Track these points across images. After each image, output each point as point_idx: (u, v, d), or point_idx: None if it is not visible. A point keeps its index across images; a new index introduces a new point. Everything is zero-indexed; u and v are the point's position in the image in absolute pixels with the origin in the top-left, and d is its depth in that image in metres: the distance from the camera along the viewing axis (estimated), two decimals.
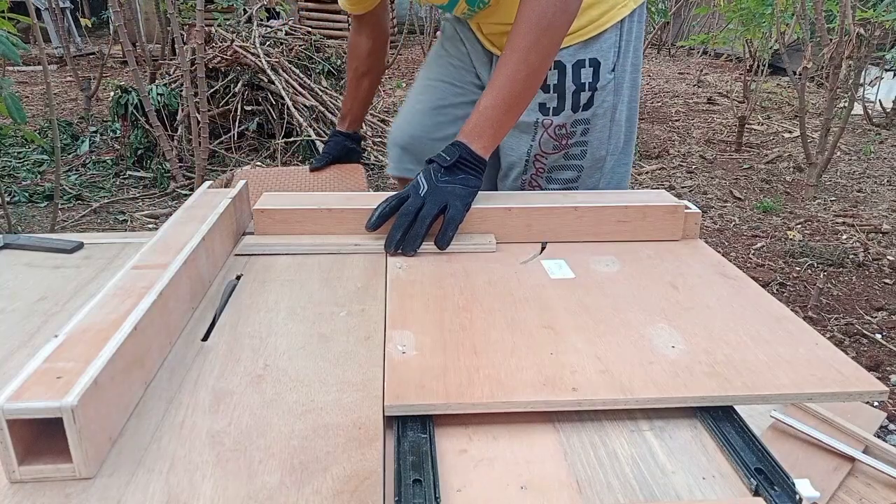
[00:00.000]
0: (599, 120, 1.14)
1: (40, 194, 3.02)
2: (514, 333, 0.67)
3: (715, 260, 0.87)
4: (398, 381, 0.59)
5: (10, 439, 0.46)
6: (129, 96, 3.34)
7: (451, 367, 0.61)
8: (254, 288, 0.78)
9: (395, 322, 0.69)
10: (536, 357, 0.63)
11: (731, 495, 0.50)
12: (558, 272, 0.82)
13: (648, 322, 0.70)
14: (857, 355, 1.87)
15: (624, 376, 0.60)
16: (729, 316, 0.72)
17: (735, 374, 0.60)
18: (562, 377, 0.60)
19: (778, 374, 0.61)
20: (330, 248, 0.88)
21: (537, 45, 0.92)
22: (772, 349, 0.65)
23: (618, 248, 0.90)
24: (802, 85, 3.13)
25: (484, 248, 0.88)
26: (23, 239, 0.91)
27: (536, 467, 0.52)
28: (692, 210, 0.94)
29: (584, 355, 0.63)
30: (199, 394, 0.58)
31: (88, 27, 5.89)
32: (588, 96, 1.11)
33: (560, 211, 0.91)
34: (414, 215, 0.86)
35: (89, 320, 0.57)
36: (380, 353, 0.65)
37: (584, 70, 1.09)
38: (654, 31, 6.78)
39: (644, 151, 3.85)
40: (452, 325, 0.69)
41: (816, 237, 2.70)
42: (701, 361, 0.63)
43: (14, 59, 1.85)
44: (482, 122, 0.95)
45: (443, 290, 0.77)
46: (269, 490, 0.47)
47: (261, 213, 0.91)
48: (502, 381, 0.59)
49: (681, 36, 7.95)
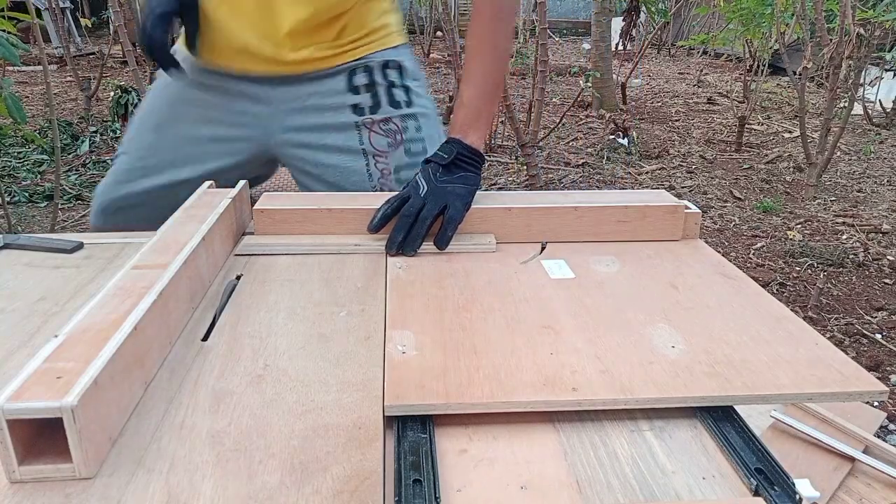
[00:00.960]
0: (430, 119, 1.17)
1: (40, 194, 3.02)
2: (514, 333, 0.67)
3: (715, 260, 0.87)
4: (398, 380, 0.58)
5: (10, 439, 0.46)
6: (129, 96, 3.34)
7: (451, 366, 0.61)
8: (254, 288, 0.78)
9: (395, 322, 0.69)
10: (536, 357, 0.63)
11: (731, 495, 0.50)
12: (558, 272, 0.82)
13: (648, 322, 0.70)
14: (857, 355, 1.87)
15: (624, 376, 0.60)
16: (729, 316, 0.72)
17: (735, 374, 0.60)
18: (562, 377, 0.60)
19: (778, 375, 0.61)
20: (330, 249, 0.88)
21: (499, 32, 1.00)
22: (772, 349, 0.65)
23: (618, 248, 0.90)
24: (802, 85, 3.13)
25: (484, 247, 0.88)
26: (23, 239, 0.91)
27: (536, 467, 0.52)
28: (692, 210, 0.94)
29: (584, 355, 0.63)
30: (199, 394, 0.58)
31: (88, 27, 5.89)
32: (403, 92, 1.15)
33: (560, 211, 0.91)
34: (415, 216, 0.86)
35: (89, 320, 0.57)
36: (380, 353, 0.65)
37: (389, 70, 1.15)
38: (654, 31, 6.77)
39: (644, 151, 3.85)
40: (452, 324, 0.69)
41: (816, 237, 2.70)
42: (701, 361, 0.62)
43: (14, 61, 1.85)
44: (470, 114, 0.97)
45: (443, 289, 0.77)
46: (269, 490, 0.47)
47: (261, 213, 0.91)
48: (502, 381, 0.59)
49: (681, 36, 7.95)
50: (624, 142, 3.88)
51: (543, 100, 3.13)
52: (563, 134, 4.21)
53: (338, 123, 1.13)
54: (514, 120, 3.16)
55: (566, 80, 6.12)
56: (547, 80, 3.20)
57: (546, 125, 4.06)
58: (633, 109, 4.97)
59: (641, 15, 5.92)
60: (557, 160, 3.69)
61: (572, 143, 4.06)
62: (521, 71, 6.10)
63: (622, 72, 5.30)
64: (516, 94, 5.23)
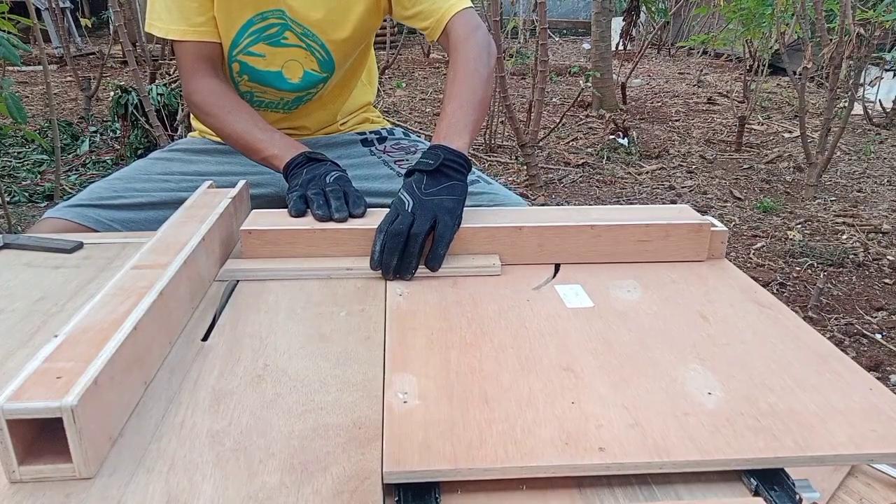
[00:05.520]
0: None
1: (40, 194, 3.01)
2: (530, 377, 0.60)
3: (745, 284, 0.80)
4: (399, 439, 0.51)
5: (10, 439, 0.46)
6: (129, 96, 3.34)
7: (460, 420, 0.54)
8: (254, 288, 0.78)
9: (396, 363, 0.62)
10: (556, 407, 0.56)
11: (731, 495, 0.50)
12: (575, 300, 0.75)
13: (679, 361, 0.63)
14: (857, 355, 1.86)
15: (657, 431, 0.53)
16: (769, 354, 0.65)
17: (784, 430, 0.53)
18: (586, 433, 0.52)
19: (832, 429, 0.53)
20: (320, 274, 0.81)
21: (480, 60, 1.04)
22: (821, 396, 0.58)
23: (638, 271, 0.83)
24: (802, 85, 3.13)
25: (488, 270, 0.81)
26: (23, 239, 0.91)
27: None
28: (718, 228, 0.86)
29: (609, 404, 0.56)
30: (199, 394, 0.58)
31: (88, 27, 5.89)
32: (403, 132, 1.36)
33: (574, 230, 0.84)
34: (406, 234, 0.79)
35: (89, 320, 0.57)
36: (380, 352, 0.65)
37: (372, 135, 1.33)
38: (653, 31, 6.77)
39: (644, 151, 3.85)
40: (460, 366, 0.62)
41: (816, 237, 2.70)
42: (743, 413, 0.55)
43: (14, 61, 1.85)
44: (453, 122, 0.95)
45: (448, 321, 0.70)
46: (269, 490, 0.47)
47: (248, 234, 0.83)
48: (518, 440, 0.52)
49: (681, 36, 7.95)
50: (624, 142, 3.88)
51: (543, 100, 3.13)
52: (562, 134, 4.21)
53: (351, 152, 1.28)
54: (514, 120, 3.16)
55: (566, 80, 6.11)
56: (547, 80, 3.20)
57: (546, 125, 4.06)
58: (633, 109, 4.97)
59: (641, 15, 5.93)
60: (557, 160, 3.68)
61: (572, 142, 4.06)
62: (521, 71, 6.10)
63: (622, 72, 5.30)
64: (516, 94, 5.23)
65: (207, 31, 1.10)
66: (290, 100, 1.22)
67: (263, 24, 1.12)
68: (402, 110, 4.87)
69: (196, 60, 1.11)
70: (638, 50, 5.78)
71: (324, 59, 1.17)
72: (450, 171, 0.87)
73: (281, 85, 1.18)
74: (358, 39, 1.18)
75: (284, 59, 1.16)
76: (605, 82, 4.78)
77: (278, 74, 1.17)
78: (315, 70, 1.18)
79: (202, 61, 1.11)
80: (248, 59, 1.15)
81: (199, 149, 1.27)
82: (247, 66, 1.16)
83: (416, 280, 0.80)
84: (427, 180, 0.85)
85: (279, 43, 1.14)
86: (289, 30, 1.13)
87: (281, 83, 1.18)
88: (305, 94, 1.22)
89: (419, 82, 6.01)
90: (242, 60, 1.15)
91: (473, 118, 0.98)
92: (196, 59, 1.11)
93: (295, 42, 1.14)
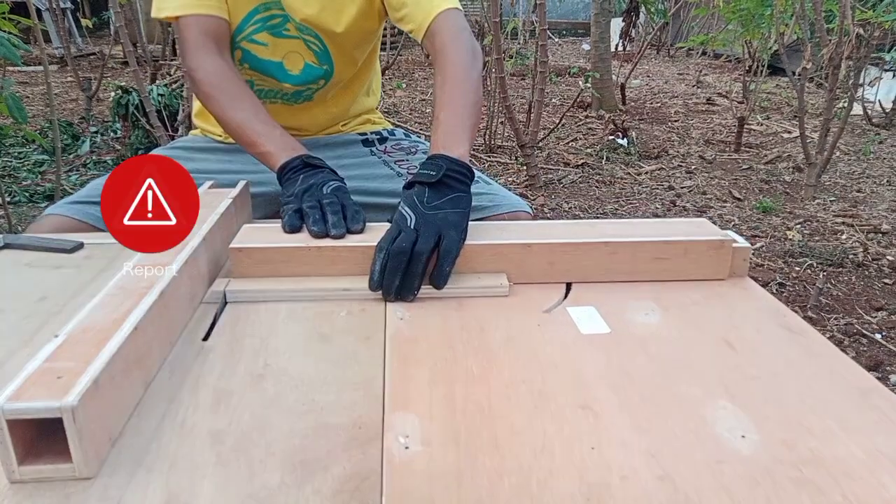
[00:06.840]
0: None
1: (41, 194, 3.01)
2: (544, 416, 0.54)
3: (772, 307, 0.74)
4: (400, 494, 0.46)
5: (9, 439, 0.46)
6: (130, 97, 3.34)
7: (467, 469, 0.48)
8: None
9: (397, 401, 0.56)
10: (574, 454, 0.50)
11: None
12: (590, 325, 0.70)
13: (707, 397, 0.57)
14: (857, 355, 1.87)
15: (689, 485, 0.47)
16: (805, 389, 0.59)
17: (830, 482, 0.48)
18: (609, 486, 0.47)
19: (884, 481, 0.48)
20: (315, 295, 0.76)
21: (469, 63, 1.02)
22: (867, 440, 0.52)
23: (655, 291, 0.77)
24: (802, 85, 3.13)
25: (495, 290, 0.76)
26: (23, 239, 0.91)
27: None
28: (741, 244, 0.80)
29: (633, 450, 0.51)
30: (200, 393, 0.58)
31: (89, 28, 5.90)
32: (403, 134, 1.35)
33: (587, 247, 0.79)
34: (409, 253, 0.73)
35: (90, 320, 0.57)
36: (380, 352, 0.65)
37: (373, 135, 1.33)
38: (653, 31, 6.78)
39: (643, 151, 3.85)
40: (466, 403, 0.56)
41: (816, 237, 2.70)
42: (782, 461, 0.50)
43: (15, 61, 1.86)
44: (451, 129, 0.91)
45: (452, 350, 0.64)
46: (269, 490, 0.47)
47: (238, 252, 0.77)
48: (534, 495, 0.46)
49: (680, 37, 7.96)
50: (623, 142, 3.88)
51: (543, 100, 3.14)
52: (562, 134, 4.22)
53: (352, 152, 1.29)
54: (514, 120, 3.16)
55: (566, 80, 6.12)
56: (546, 81, 3.20)
57: (546, 125, 4.06)
58: (633, 110, 4.98)
59: (641, 16, 5.94)
60: (557, 160, 3.69)
61: (572, 143, 4.06)
62: (520, 72, 6.10)
63: (621, 72, 5.30)
64: (516, 94, 5.23)
65: (216, 6, 1.08)
66: (290, 93, 1.22)
67: (267, 14, 1.12)
68: (402, 111, 4.88)
69: (202, 34, 1.05)
70: (637, 51, 5.78)
71: (320, 51, 1.17)
72: (453, 181, 0.82)
73: (282, 76, 1.18)
74: (355, 39, 1.18)
75: (286, 50, 1.16)
76: (604, 83, 4.78)
77: (279, 65, 1.17)
78: (314, 62, 1.18)
79: (208, 36, 1.06)
80: (250, 46, 1.14)
81: (200, 147, 1.27)
82: (249, 54, 1.15)
83: (417, 301, 0.74)
84: (430, 193, 0.80)
85: (281, 34, 1.14)
86: (290, 21, 1.13)
87: (282, 74, 1.18)
88: (305, 90, 1.22)
89: (419, 83, 6.01)
90: (245, 48, 1.15)
91: (470, 123, 0.94)
92: (203, 33, 1.06)
93: (295, 34, 1.15)
